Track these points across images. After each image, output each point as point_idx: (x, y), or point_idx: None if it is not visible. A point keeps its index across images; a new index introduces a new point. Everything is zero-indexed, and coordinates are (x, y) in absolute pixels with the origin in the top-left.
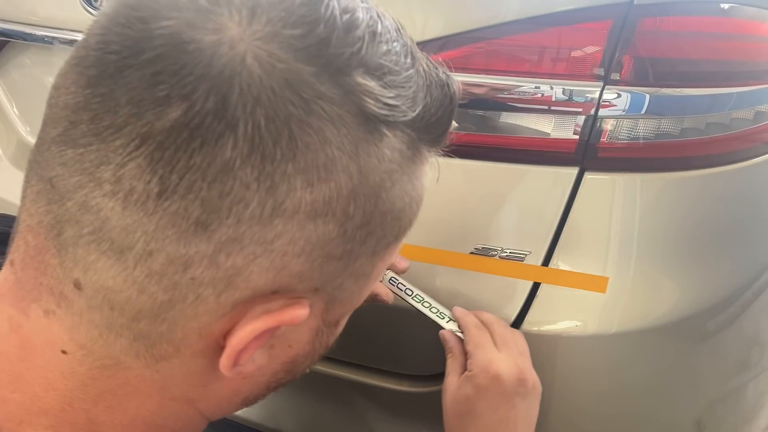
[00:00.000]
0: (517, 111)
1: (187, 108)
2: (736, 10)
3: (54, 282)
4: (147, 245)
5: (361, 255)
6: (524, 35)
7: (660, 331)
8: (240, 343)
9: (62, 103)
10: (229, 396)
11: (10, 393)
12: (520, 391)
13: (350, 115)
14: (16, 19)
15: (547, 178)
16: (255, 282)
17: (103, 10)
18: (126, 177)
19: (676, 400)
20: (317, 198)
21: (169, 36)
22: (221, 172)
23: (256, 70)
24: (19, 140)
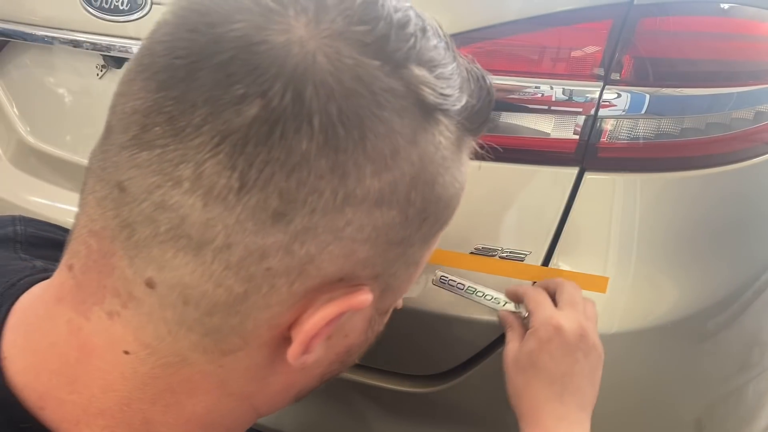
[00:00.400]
0: (517, 111)
1: (265, 104)
2: (736, 10)
3: (121, 284)
4: (227, 239)
5: (416, 242)
6: (524, 35)
7: (660, 330)
8: (313, 328)
9: (130, 109)
10: (284, 390)
11: (68, 394)
12: (581, 346)
13: (410, 105)
14: (16, 19)
15: (547, 178)
16: (325, 269)
17: (164, 20)
18: (206, 174)
19: (676, 400)
20: (384, 185)
21: (239, 38)
22: (298, 163)
23: (326, 66)
24: (19, 140)
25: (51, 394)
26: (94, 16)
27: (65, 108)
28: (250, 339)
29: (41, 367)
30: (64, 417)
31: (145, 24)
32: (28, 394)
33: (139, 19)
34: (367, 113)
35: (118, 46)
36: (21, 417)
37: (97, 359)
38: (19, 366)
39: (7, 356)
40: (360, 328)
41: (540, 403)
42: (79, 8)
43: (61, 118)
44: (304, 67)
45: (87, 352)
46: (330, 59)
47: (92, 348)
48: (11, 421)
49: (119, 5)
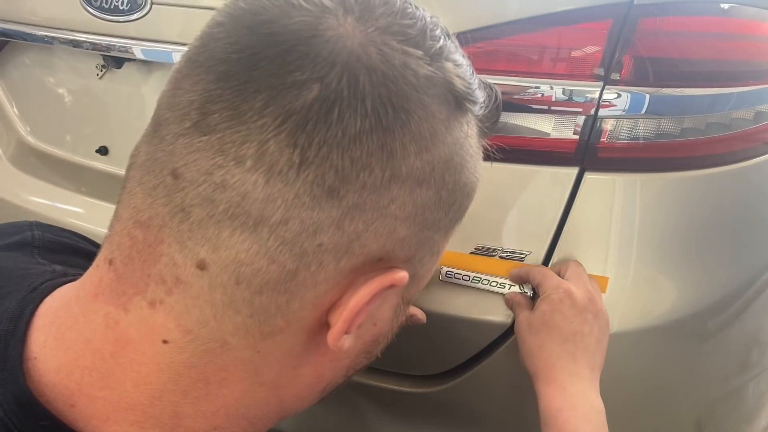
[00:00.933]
0: (517, 111)
1: (323, 88)
2: (736, 10)
3: (168, 270)
4: (285, 213)
5: (441, 227)
6: (524, 35)
7: (660, 330)
8: (358, 304)
9: (186, 101)
10: (312, 382)
11: (99, 391)
12: (590, 308)
13: (445, 93)
14: (16, 19)
15: (547, 178)
16: (369, 247)
17: (217, 21)
18: (269, 151)
19: (676, 400)
20: (425, 165)
21: (295, 32)
22: (352, 142)
23: (376, 54)
24: (19, 140)
25: (82, 391)
26: (94, 16)
27: (65, 108)
28: (293, 320)
29: (74, 365)
30: (94, 414)
31: (145, 24)
32: (60, 392)
33: (139, 19)
34: (412, 97)
35: (118, 46)
36: (41, 414)
37: (132, 352)
38: (50, 365)
39: (37, 356)
40: (387, 316)
41: (554, 360)
42: (79, 8)
43: (61, 118)
44: (356, 56)
45: (123, 345)
46: (379, 49)
47: (128, 340)
48: (31, 418)
49: (119, 5)
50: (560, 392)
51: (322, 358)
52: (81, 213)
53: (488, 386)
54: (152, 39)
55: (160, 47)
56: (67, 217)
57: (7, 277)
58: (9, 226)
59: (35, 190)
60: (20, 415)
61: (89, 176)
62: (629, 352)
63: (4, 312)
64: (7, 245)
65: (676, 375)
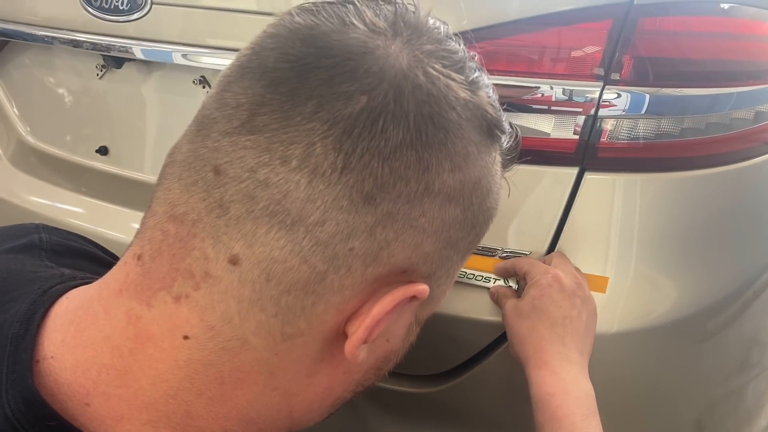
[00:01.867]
0: (517, 111)
1: (370, 100)
2: (736, 10)
3: (197, 264)
4: (323, 215)
5: (460, 249)
6: (524, 35)
7: (660, 330)
8: (380, 312)
9: (234, 102)
10: (323, 394)
11: (115, 389)
12: (578, 293)
13: (479, 119)
14: (16, 19)
15: (547, 178)
16: (396, 257)
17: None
18: (315, 153)
19: (676, 400)
20: (456, 183)
21: (348, 48)
22: (393, 153)
23: (422, 75)
24: (19, 140)
25: (98, 389)
26: (94, 16)
27: (65, 108)
28: (315, 324)
29: (92, 362)
30: (108, 413)
31: (145, 24)
32: (75, 391)
33: (139, 19)
34: (452, 117)
35: (118, 46)
36: (47, 415)
37: (152, 348)
38: (67, 363)
39: (54, 355)
40: (400, 334)
41: (544, 344)
42: (79, 8)
43: (61, 118)
44: (404, 74)
45: (142, 341)
46: (425, 70)
47: (149, 336)
48: (38, 418)
49: (119, 5)
50: (551, 376)
51: (335, 369)
52: (81, 213)
53: (488, 386)
54: (152, 39)
55: (160, 47)
56: (67, 217)
57: (16, 280)
58: (15, 228)
59: (35, 190)
60: (27, 416)
61: (89, 176)
62: (629, 352)
63: (15, 315)
64: (15, 248)
65: (676, 375)
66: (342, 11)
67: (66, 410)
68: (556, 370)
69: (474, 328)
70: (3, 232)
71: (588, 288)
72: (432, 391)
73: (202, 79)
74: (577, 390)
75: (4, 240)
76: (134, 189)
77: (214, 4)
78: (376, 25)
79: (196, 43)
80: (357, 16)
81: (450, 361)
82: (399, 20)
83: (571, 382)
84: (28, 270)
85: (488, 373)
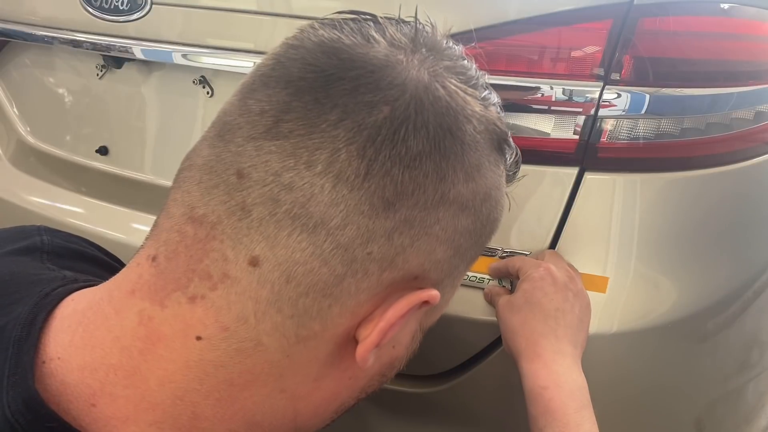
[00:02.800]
0: (517, 111)
1: (392, 110)
2: (736, 10)
3: (216, 265)
4: (345, 219)
5: (466, 258)
6: (524, 35)
7: (660, 330)
8: (394, 316)
9: (258, 108)
10: (328, 399)
11: (123, 389)
12: (571, 287)
13: (491, 133)
14: (16, 19)
15: (547, 178)
16: (410, 263)
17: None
18: (340, 159)
19: (677, 400)
20: (469, 193)
21: (370, 61)
22: (412, 160)
23: (441, 89)
24: (19, 140)
25: (105, 390)
26: (94, 16)
27: (65, 108)
28: (329, 326)
29: (99, 363)
30: (114, 414)
31: (145, 24)
32: (81, 392)
33: (139, 19)
34: (468, 130)
35: (118, 46)
36: (47, 416)
37: (162, 348)
38: (74, 364)
39: (61, 356)
40: (405, 342)
41: (537, 337)
42: (79, 8)
43: (61, 118)
44: (424, 86)
45: (153, 342)
46: (443, 84)
47: (160, 337)
48: (38, 420)
49: (119, 5)
50: (544, 369)
51: (342, 373)
52: (81, 213)
53: (488, 387)
54: (152, 39)
55: (160, 47)
56: (67, 217)
57: (18, 282)
58: (16, 230)
59: (35, 190)
60: (27, 417)
61: (89, 176)
62: (629, 352)
63: (17, 317)
64: (16, 250)
65: (676, 375)
66: (364, 27)
67: (70, 411)
68: (549, 362)
69: (473, 329)
70: (4, 234)
71: (581, 282)
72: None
73: (202, 79)
74: (570, 382)
75: (5, 242)
76: (134, 189)
77: (214, 4)
78: (396, 41)
79: (196, 43)
80: (378, 31)
81: (450, 361)
82: (419, 37)
83: (563, 374)
84: (30, 273)
85: (488, 373)
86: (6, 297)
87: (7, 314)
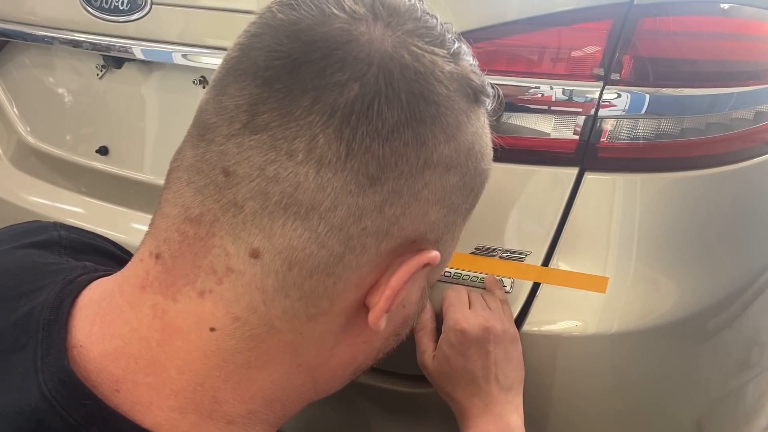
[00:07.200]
0: (517, 111)
1: (362, 85)
2: (736, 10)
3: (219, 261)
4: (334, 201)
5: (461, 213)
6: (524, 35)
7: (660, 331)
8: (398, 282)
9: (233, 104)
10: (345, 363)
11: (144, 377)
12: (489, 338)
13: (465, 88)
14: (16, 19)
15: (547, 178)
16: (405, 230)
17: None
18: (319, 145)
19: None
20: (452, 152)
21: (333, 38)
22: (390, 132)
23: (408, 55)
24: (19, 140)
25: (127, 377)
26: (94, 16)
27: (65, 108)
28: (337, 301)
29: (120, 352)
30: (137, 399)
31: (145, 24)
32: (105, 378)
33: (139, 19)
34: (440, 91)
35: (118, 47)
36: (83, 394)
37: (179, 340)
38: (95, 352)
39: (83, 344)
40: (415, 299)
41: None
42: (79, 8)
43: (61, 118)
44: (390, 56)
45: (170, 334)
46: (409, 49)
47: (176, 329)
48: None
49: (119, 5)
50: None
51: (356, 339)
52: (81, 213)
53: None
54: (152, 39)
55: (160, 47)
56: (67, 217)
57: (41, 271)
58: (32, 225)
59: (35, 190)
60: (64, 394)
61: (89, 176)
62: (629, 353)
63: (44, 302)
64: (35, 243)
65: (675, 375)
66: (321, 2)
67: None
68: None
69: None
70: (20, 229)
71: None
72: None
73: (202, 79)
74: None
75: (23, 236)
76: (134, 189)
77: (214, 4)
78: (355, 12)
79: (196, 43)
80: (336, 5)
81: None
82: (377, 3)
83: (495, 423)
84: (51, 263)
85: None
86: (30, 284)
87: (33, 300)
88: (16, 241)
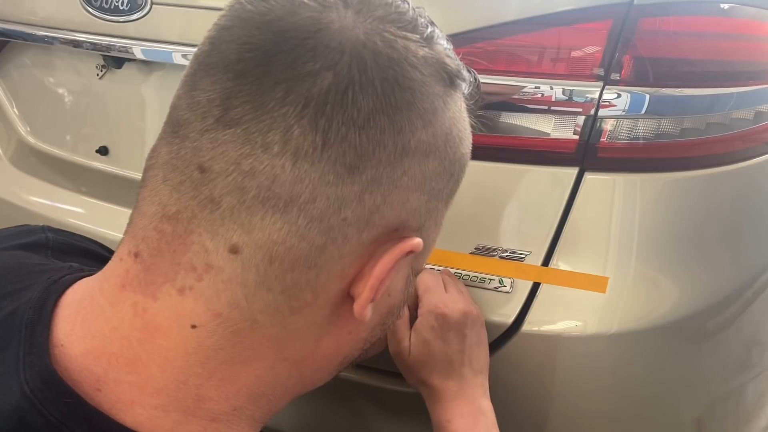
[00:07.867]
0: (517, 111)
1: (335, 75)
2: (736, 10)
3: (198, 258)
4: (312, 192)
5: (443, 198)
6: (524, 35)
7: (660, 331)
8: (382, 271)
9: (205, 99)
10: (331, 355)
11: (126, 375)
12: (467, 322)
13: (440, 72)
14: (16, 19)
15: (547, 178)
16: (386, 218)
17: (223, 25)
18: (294, 136)
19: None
20: (429, 138)
21: (303, 27)
22: (366, 121)
23: (380, 41)
24: (19, 140)
25: (109, 376)
26: (94, 16)
27: (65, 108)
28: (320, 293)
29: (101, 351)
30: (119, 398)
31: (145, 24)
32: (86, 377)
33: (139, 19)
34: (415, 77)
35: (118, 47)
36: (65, 393)
37: (160, 338)
38: (77, 351)
39: (64, 344)
40: (400, 287)
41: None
42: (79, 8)
43: (61, 118)
44: (362, 43)
45: (150, 332)
46: (381, 35)
47: (157, 327)
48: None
49: (119, 5)
50: (448, 409)
51: (342, 330)
52: (81, 213)
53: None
54: (152, 39)
55: (160, 47)
56: (67, 217)
57: (26, 272)
58: (20, 228)
59: (35, 190)
60: (45, 393)
61: (89, 176)
62: (629, 353)
63: (28, 302)
64: (22, 245)
65: (676, 375)
66: None
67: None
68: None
69: None
70: (8, 232)
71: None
72: None
73: None
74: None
75: (10, 238)
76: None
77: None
78: (325, 0)
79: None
80: None
81: None
82: None
83: (467, 405)
84: (37, 263)
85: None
86: (16, 284)
87: (18, 299)
88: (4, 243)
